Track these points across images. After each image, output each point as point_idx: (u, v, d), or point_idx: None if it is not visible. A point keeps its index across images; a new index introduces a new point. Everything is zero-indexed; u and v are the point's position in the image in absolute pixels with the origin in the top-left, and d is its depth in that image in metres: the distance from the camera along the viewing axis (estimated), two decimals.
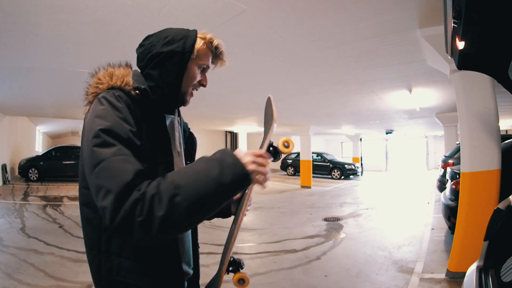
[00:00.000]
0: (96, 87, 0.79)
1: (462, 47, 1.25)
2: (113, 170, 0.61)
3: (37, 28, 2.83)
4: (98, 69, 0.84)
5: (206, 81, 0.90)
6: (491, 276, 1.21)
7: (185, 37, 0.84)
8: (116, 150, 0.63)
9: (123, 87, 0.77)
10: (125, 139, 0.66)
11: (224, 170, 0.63)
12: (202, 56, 0.86)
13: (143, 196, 0.59)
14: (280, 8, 2.57)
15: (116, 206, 0.58)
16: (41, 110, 8.09)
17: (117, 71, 0.81)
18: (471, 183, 2.75)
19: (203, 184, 0.61)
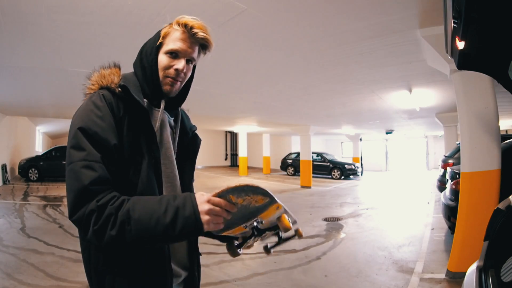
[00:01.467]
0: (90, 89, 0.86)
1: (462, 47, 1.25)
2: (76, 173, 0.70)
3: (37, 28, 2.83)
4: (92, 72, 0.89)
5: (180, 65, 0.85)
6: (491, 276, 1.21)
7: (159, 31, 0.89)
8: (84, 155, 0.71)
9: (109, 86, 0.83)
10: (97, 141, 0.73)
11: (177, 221, 0.68)
12: (170, 41, 0.86)
13: (101, 210, 0.67)
14: (280, 8, 2.57)
15: (73, 205, 0.69)
16: (41, 110, 8.09)
17: (107, 72, 0.87)
18: (471, 183, 2.75)
19: (153, 225, 0.67)
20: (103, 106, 0.77)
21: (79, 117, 0.76)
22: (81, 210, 0.68)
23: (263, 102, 6.78)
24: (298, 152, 14.23)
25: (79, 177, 0.69)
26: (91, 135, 0.73)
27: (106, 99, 0.79)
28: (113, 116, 0.77)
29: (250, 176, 14.58)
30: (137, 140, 0.79)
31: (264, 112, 8.40)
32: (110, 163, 0.73)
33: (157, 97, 0.88)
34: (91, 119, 0.75)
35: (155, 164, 0.81)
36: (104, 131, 0.74)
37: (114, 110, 0.78)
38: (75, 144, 0.73)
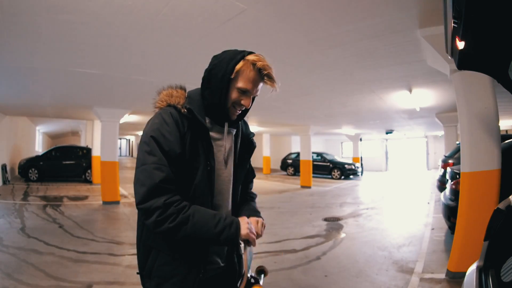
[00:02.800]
0: (159, 103, 1.03)
1: (462, 47, 1.25)
2: (149, 173, 0.90)
3: (37, 28, 2.82)
4: (161, 90, 1.07)
5: (247, 102, 1.02)
6: (491, 276, 1.21)
7: (231, 59, 0.99)
8: (156, 160, 0.91)
9: (176, 105, 1.00)
10: (166, 151, 0.92)
11: (223, 233, 0.93)
12: (242, 78, 0.99)
13: (166, 207, 0.88)
14: (280, 8, 2.56)
15: (144, 197, 0.89)
16: (41, 110, 8.08)
17: (175, 93, 1.04)
18: (471, 183, 2.75)
19: (205, 230, 0.91)
20: (171, 122, 0.95)
21: (152, 129, 0.94)
22: (149, 202, 0.88)
23: (263, 102, 6.78)
24: (298, 152, 14.23)
25: (152, 176, 0.89)
26: (162, 145, 0.92)
27: (173, 117, 0.96)
28: (179, 131, 0.95)
29: None
30: (197, 151, 0.98)
31: (264, 112, 8.41)
32: (175, 168, 0.92)
33: (221, 119, 1.05)
34: (162, 132, 0.93)
35: (210, 171, 1.00)
36: (172, 142, 0.93)
37: (180, 126, 0.96)
38: (149, 150, 0.92)
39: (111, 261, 3.31)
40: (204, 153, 0.99)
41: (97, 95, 6.01)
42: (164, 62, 3.95)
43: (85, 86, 5.16)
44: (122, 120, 7.78)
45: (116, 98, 6.35)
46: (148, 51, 3.53)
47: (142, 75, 4.47)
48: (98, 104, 6.87)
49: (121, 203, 6.98)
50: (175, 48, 3.45)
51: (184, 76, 4.61)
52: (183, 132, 0.96)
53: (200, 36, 3.10)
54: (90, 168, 10.28)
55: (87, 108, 7.30)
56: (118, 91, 5.63)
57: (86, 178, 10.43)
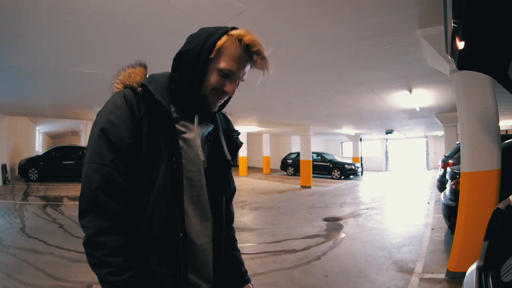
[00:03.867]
0: (116, 87, 0.84)
1: (462, 47, 1.25)
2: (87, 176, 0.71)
3: (37, 28, 2.83)
4: (119, 71, 0.87)
5: (231, 87, 0.79)
6: (491, 276, 1.21)
7: (210, 35, 0.78)
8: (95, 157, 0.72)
9: (132, 84, 0.80)
10: (112, 141, 0.72)
11: None
12: (225, 57, 0.77)
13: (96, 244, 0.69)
14: (280, 8, 2.56)
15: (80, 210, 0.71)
16: (41, 110, 8.09)
17: (134, 71, 0.84)
18: (471, 183, 2.75)
19: None
20: (122, 105, 0.75)
21: (99, 117, 0.76)
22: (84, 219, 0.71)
23: (263, 102, 6.78)
24: (298, 152, 14.23)
25: (88, 179, 0.71)
26: (108, 135, 0.72)
27: (126, 98, 0.76)
28: (133, 116, 0.75)
29: (250, 176, 14.58)
30: (157, 143, 0.75)
31: (264, 112, 8.41)
32: (125, 164, 0.72)
33: (192, 109, 0.82)
34: (109, 119, 0.74)
35: (177, 169, 0.76)
36: (120, 131, 0.73)
37: (135, 109, 0.75)
38: (91, 144, 0.74)
39: None
40: (167, 146, 0.75)
41: (97, 95, 6.00)
42: (164, 62, 3.95)
43: (85, 86, 5.16)
44: None
45: None
46: (148, 51, 3.53)
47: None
48: (98, 104, 6.87)
49: None
50: (175, 48, 3.44)
51: None
52: (138, 116, 0.75)
53: None
54: None
55: (87, 108, 7.30)
56: None
57: None
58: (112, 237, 0.69)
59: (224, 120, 0.97)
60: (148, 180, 0.74)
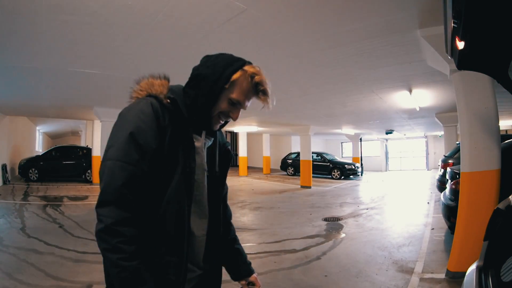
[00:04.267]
0: (137, 93, 0.92)
1: (462, 47, 1.25)
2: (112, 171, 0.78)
3: (37, 28, 2.83)
4: (141, 78, 0.96)
5: (235, 115, 0.94)
6: (491, 276, 1.21)
7: (228, 65, 0.90)
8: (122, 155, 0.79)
9: (158, 95, 0.88)
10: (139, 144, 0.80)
11: None
12: (237, 89, 0.90)
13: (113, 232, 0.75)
14: (280, 8, 2.57)
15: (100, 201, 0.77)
16: (41, 110, 8.09)
17: (156, 82, 0.93)
18: (471, 183, 2.75)
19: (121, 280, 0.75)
20: (149, 113, 0.83)
21: (127, 120, 0.83)
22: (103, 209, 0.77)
23: None
24: (298, 152, 14.23)
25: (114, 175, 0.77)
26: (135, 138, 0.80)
27: (153, 107, 0.84)
28: (158, 124, 0.83)
29: (250, 176, 14.58)
30: (176, 149, 0.86)
31: (264, 112, 8.40)
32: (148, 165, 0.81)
33: (200, 125, 0.94)
34: (137, 124, 0.81)
35: (189, 173, 0.87)
36: (148, 136, 0.81)
37: (160, 118, 0.84)
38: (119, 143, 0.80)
39: None
40: (184, 153, 0.87)
41: (97, 95, 6.02)
42: (164, 62, 3.95)
43: (85, 86, 5.17)
44: None
45: (116, 98, 6.34)
46: (148, 51, 3.53)
47: (142, 75, 4.47)
48: (98, 104, 6.88)
49: None
50: (175, 48, 3.46)
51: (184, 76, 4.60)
52: (163, 125, 0.84)
53: (200, 36, 3.10)
54: (90, 168, 10.28)
55: (87, 108, 7.31)
56: (118, 91, 5.63)
57: (86, 178, 10.43)
58: (129, 228, 0.76)
59: (220, 134, 1.10)
60: (165, 180, 0.84)
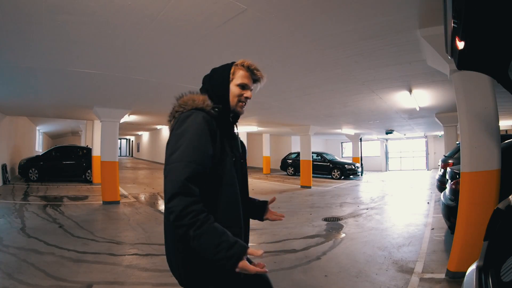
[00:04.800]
0: (181, 108, 1.13)
1: (462, 47, 1.25)
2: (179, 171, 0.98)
3: (37, 28, 2.83)
4: (180, 96, 1.18)
5: (249, 93, 1.23)
6: (491, 276, 1.21)
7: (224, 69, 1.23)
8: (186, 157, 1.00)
9: (204, 107, 1.12)
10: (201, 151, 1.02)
11: (224, 258, 0.94)
12: (238, 77, 1.22)
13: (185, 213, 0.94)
14: (280, 8, 2.57)
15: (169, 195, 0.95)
16: (41, 110, 8.09)
17: (197, 97, 1.15)
18: (471, 183, 2.75)
19: (211, 250, 0.94)
20: (204, 126, 1.05)
21: (187, 132, 1.03)
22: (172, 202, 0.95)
23: (263, 102, 6.78)
24: (298, 152, 14.23)
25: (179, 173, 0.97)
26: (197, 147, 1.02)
27: (205, 119, 1.07)
28: (211, 132, 1.07)
29: (250, 176, 14.57)
30: (224, 145, 1.12)
31: (264, 112, 8.41)
32: (207, 167, 1.03)
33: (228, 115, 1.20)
34: (196, 136, 1.03)
35: (236, 161, 1.15)
36: (206, 143, 1.04)
37: (211, 127, 1.08)
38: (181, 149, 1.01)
39: (111, 261, 3.31)
40: (230, 146, 1.15)
41: (97, 95, 6.02)
42: (164, 62, 3.95)
43: (85, 86, 5.17)
44: (122, 120, 7.78)
45: (116, 98, 6.35)
46: (148, 51, 3.53)
47: (142, 75, 4.47)
48: (98, 104, 6.88)
49: (121, 203, 6.98)
50: (175, 48, 3.46)
51: (184, 76, 4.61)
52: (213, 130, 1.08)
53: (200, 36, 3.10)
54: (90, 168, 10.28)
55: (87, 108, 7.30)
56: (118, 91, 5.63)
57: (86, 178, 10.43)
58: (197, 205, 0.95)
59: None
60: (220, 169, 1.08)
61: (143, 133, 24.07)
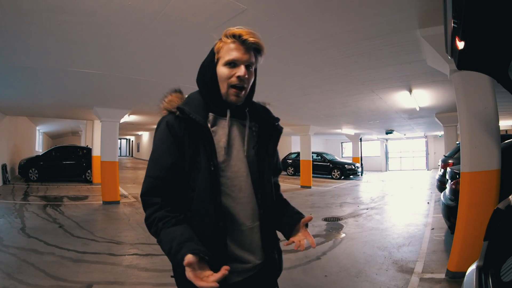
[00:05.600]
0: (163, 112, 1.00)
1: (462, 47, 1.25)
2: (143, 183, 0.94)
3: (37, 28, 2.83)
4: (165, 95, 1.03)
5: (241, 71, 0.93)
6: (491, 276, 1.21)
7: (211, 50, 0.98)
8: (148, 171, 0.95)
9: (172, 110, 0.96)
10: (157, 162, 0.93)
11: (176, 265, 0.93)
12: (225, 52, 0.93)
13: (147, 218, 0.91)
14: (280, 8, 2.57)
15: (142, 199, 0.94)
16: (41, 110, 8.09)
17: (174, 97, 1.01)
18: (471, 183, 2.75)
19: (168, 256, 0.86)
20: (165, 131, 0.94)
21: (154, 140, 0.97)
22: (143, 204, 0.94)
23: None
24: (298, 152, 14.22)
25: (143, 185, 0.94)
26: (154, 155, 0.95)
27: (168, 125, 0.94)
28: (174, 138, 0.92)
29: None
30: (197, 152, 0.93)
31: None
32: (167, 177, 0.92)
33: (223, 108, 0.99)
34: (156, 144, 0.95)
35: (214, 171, 0.92)
36: (166, 152, 0.92)
37: (176, 132, 0.93)
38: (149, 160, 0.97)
39: (111, 261, 3.31)
40: (206, 152, 0.92)
41: (97, 95, 6.02)
42: (164, 62, 3.95)
43: (85, 86, 5.17)
44: (122, 120, 7.78)
45: (116, 98, 6.35)
46: (148, 51, 3.53)
47: (142, 75, 4.47)
48: (98, 104, 6.88)
49: (121, 203, 6.98)
50: (175, 48, 3.45)
51: (184, 76, 4.60)
52: (179, 136, 0.92)
53: (200, 36, 3.10)
54: (90, 168, 10.27)
55: (87, 108, 7.30)
56: (118, 91, 5.63)
57: (86, 178, 10.43)
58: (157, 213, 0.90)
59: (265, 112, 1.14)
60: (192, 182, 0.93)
61: (143, 133, 24.07)
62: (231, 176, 0.97)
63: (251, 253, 0.99)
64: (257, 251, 1.01)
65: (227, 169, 0.97)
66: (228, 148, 0.98)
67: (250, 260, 0.99)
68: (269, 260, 1.06)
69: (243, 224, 0.97)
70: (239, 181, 0.98)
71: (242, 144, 1.01)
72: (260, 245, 1.02)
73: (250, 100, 1.07)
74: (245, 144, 1.02)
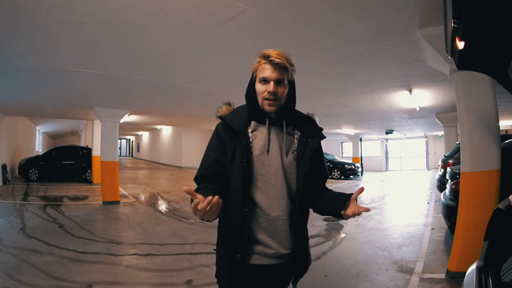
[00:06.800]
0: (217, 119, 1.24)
1: (462, 47, 1.25)
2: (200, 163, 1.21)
3: (37, 28, 2.83)
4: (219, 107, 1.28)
5: (270, 87, 1.12)
6: (491, 276, 1.21)
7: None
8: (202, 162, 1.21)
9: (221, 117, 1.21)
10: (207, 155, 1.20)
11: None
12: (259, 72, 1.15)
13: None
14: (280, 8, 2.57)
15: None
16: (41, 110, 8.09)
17: (224, 108, 1.27)
18: (471, 183, 2.75)
19: None
20: (214, 135, 1.21)
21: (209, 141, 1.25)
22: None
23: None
24: None
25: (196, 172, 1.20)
26: (205, 154, 1.21)
27: (217, 130, 1.20)
28: (220, 141, 1.17)
29: None
30: (235, 151, 1.15)
31: None
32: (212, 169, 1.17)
33: (262, 117, 1.19)
34: (208, 143, 1.23)
35: (246, 166, 1.12)
36: (212, 151, 1.19)
37: (221, 135, 1.17)
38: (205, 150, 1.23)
39: (111, 261, 3.31)
40: (241, 151, 1.13)
41: (97, 95, 6.02)
42: (164, 62, 3.95)
43: (85, 86, 5.17)
44: (122, 120, 7.78)
45: (116, 98, 6.35)
46: (148, 51, 3.53)
47: (142, 75, 4.47)
48: (98, 104, 6.88)
49: (121, 203, 6.97)
50: (175, 48, 3.45)
51: (184, 76, 4.61)
52: (224, 139, 1.16)
53: (200, 36, 3.10)
54: (90, 168, 10.27)
55: (87, 108, 7.30)
56: (118, 91, 5.63)
57: (86, 178, 10.43)
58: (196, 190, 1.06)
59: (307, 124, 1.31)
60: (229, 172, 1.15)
61: (143, 133, 24.08)
62: (263, 173, 1.15)
63: (275, 241, 1.14)
64: (282, 241, 1.15)
65: (262, 167, 1.15)
66: (266, 150, 1.17)
67: (273, 247, 1.14)
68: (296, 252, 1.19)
69: (268, 214, 1.13)
70: (269, 178, 1.15)
71: (280, 148, 1.18)
72: (286, 237, 1.16)
73: (292, 109, 1.26)
74: (284, 147, 1.20)
